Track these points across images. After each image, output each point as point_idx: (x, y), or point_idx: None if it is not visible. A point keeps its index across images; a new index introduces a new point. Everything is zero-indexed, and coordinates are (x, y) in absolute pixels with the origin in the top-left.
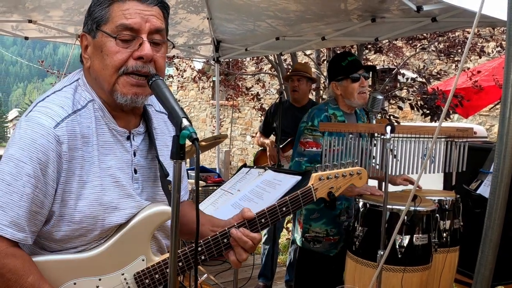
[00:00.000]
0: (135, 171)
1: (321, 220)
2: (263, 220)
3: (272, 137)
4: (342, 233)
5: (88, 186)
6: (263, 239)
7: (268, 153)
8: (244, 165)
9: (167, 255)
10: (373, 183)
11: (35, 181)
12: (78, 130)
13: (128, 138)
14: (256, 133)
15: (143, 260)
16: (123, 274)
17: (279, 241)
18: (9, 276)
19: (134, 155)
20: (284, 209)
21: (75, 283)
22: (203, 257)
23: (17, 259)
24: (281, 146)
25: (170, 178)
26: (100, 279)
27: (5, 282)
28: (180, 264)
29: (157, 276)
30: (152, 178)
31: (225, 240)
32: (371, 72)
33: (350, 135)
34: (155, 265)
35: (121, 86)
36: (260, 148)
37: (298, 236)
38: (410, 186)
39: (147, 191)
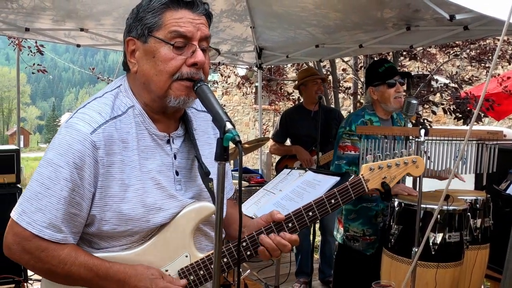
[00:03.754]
0: (177, 173)
1: (358, 220)
2: (310, 214)
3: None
4: (379, 233)
5: (131, 189)
6: None
7: (301, 160)
8: (286, 166)
9: (210, 252)
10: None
11: (72, 185)
12: (116, 135)
13: (168, 141)
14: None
15: (186, 256)
16: (167, 271)
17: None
18: (43, 254)
19: (175, 157)
20: (333, 201)
21: None
22: (248, 253)
23: (49, 242)
24: (310, 150)
25: (211, 176)
26: None
27: (42, 261)
28: (225, 259)
29: (201, 272)
30: (194, 178)
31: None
32: (406, 78)
33: (386, 140)
34: (199, 261)
35: (174, 90)
36: (286, 156)
37: (339, 235)
38: (443, 186)
39: (192, 190)
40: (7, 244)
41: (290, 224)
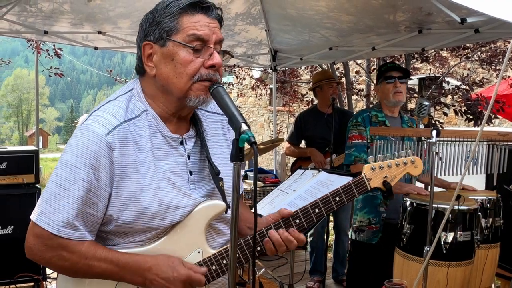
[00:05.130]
0: (191, 173)
1: (364, 209)
2: (317, 210)
3: (303, 145)
4: (382, 223)
5: (147, 189)
6: (310, 238)
7: (315, 161)
8: (300, 167)
9: (222, 247)
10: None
11: (88, 185)
12: (130, 137)
13: (181, 143)
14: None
15: (199, 252)
16: None
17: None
18: (65, 252)
19: (188, 158)
20: (337, 198)
21: None
22: (258, 248)
23: (68, 239)
24: (322, 153)
25: (222, 175)
26: None
27: (63, 258)
28: (236, 255)
29: (213, 267)
30: (206, 177)
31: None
32: (407, 78)
33: (399, 141)
34: (211, 256)
35: (194, 91)
36: (302, 157)
37: (351, 231)
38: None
39: (205, 189)
40: (28, 245)
41: (297, 221)
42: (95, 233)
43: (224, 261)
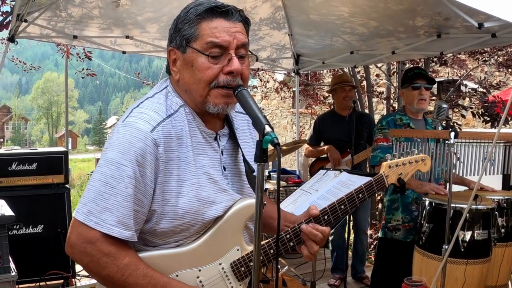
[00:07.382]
0: (224, 169)
1: (399, 209)
2: (342, 207)
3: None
4: (415, 220)
5: (187, 184)
6: (331, 237)
7: (331, 158)
8: (321, 168)
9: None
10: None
11: (135, 182)
12: (173, 132)
13: (215, 139)
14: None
15: (237, 249)
16: (220, 264)
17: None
18: (104, 259)
19: (222, 153)
20: (360, 195)
21: (177, 275)
22: (291, 244)
23: (113, 245)
24: (340, 153)
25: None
26: (200, 270)
27: (101, 266)
28: (272, 251)
29: (252, 263)
30: (237, 174)
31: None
32: (433, 85)
33: (418, 139)
34: (249, 253)
35: (213, 98)
36: (319, 158)
37: (384, 230)
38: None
39: (236, 186)
40: (70, 243)
41: (326, 217)
42: (138, 233)
43: (261, 258)
